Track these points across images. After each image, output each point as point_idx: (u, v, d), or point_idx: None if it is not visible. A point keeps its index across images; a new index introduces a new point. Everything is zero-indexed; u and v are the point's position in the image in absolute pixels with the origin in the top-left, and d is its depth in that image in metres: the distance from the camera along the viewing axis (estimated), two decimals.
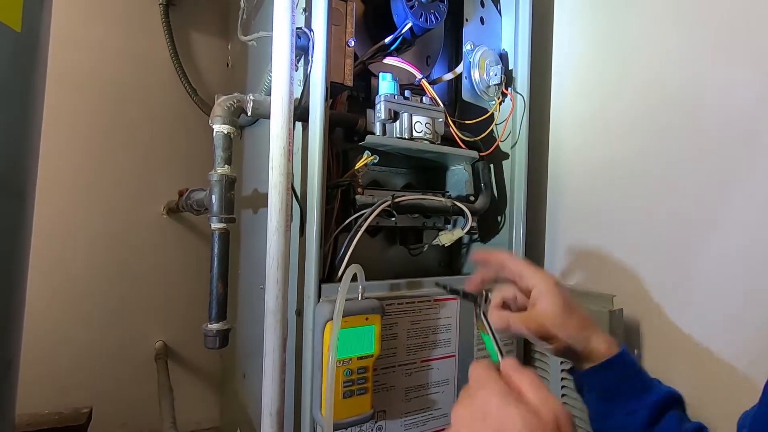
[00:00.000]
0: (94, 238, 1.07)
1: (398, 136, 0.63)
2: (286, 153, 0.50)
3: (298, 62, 0.58)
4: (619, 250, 0.69)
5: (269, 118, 0.51)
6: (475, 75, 0.72)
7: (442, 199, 0.69)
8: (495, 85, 0.72)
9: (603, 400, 0.45)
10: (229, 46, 1.18)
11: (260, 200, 0.77)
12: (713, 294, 0.58)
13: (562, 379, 0.71)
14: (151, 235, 1.13)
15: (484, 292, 0.43)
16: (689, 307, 0.60)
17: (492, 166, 0.78)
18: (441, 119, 0.67)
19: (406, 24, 0.64)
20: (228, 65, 1.19)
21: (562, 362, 0.69)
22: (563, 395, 0.71)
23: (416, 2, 0.63)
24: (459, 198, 0.73)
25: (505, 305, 0.47)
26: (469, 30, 0.73)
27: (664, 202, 0.63)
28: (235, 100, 0.55)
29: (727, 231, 0.56)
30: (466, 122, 0.74)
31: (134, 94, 1.11)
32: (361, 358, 0.53)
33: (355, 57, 0.63)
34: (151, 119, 1.13)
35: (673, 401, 0.44)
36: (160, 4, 1.10)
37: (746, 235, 0.54)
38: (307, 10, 0.58)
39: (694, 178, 0.60)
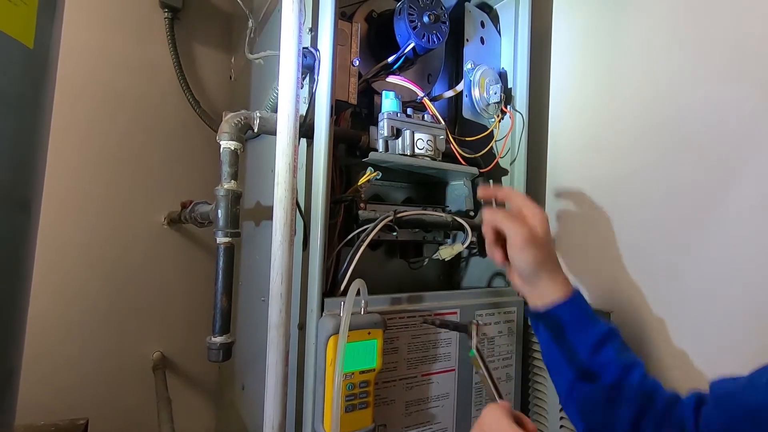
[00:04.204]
0: (93, 248, 1.07)
1: (400, 152, 0.64)
2: (292, 169, 0.51)
3: (303, 80, 0.60)
4: (617, 264, 0.70)
5: (275, 135, 0.52)
6: (475, 93, 0.74)
7: (443, 214, 0.70)
8: (495, 103, 0.74)
9: (553, 337, 0.53)
10: (233, 60, 1.20)
11: (263, 213, 0.78)
12: (711, 310, 0.59)
13: None
14: (151, 246, 1.13)
15: (475, 325, 0.45)
16: (687, 323, 0.61)
17: (492, 182, 0.79)
18: (442, 136, 0.68)
19: (409, 44, 0.65)
20: (231, 78, 1.21)
21: None
22: (561, 418, 0.72)
23: (419, 23, 0.65)
24: (459, 213, 0.75)
25: (499, 235, 0.57)
26: (469, 49, 0.75)
27: (661, 218, 0.65)
28: (243, 117, 0.57)
29: (724, 246, 0.57)
30: (467, 139, 0.76)
31: (137, 105, 1.12)
32: (363, 372, 0.54)
33: (359, 75, 0.65)
34: (154, 130, 1.14)
35: (612, 334, 0.53)
36: (165, 18, 1.12)
37: (743, 249, 0.56)
38: (314, 30, 0.59)
39: (690, 195, 0.61)
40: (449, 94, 0.77)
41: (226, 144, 0.56)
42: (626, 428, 0.47)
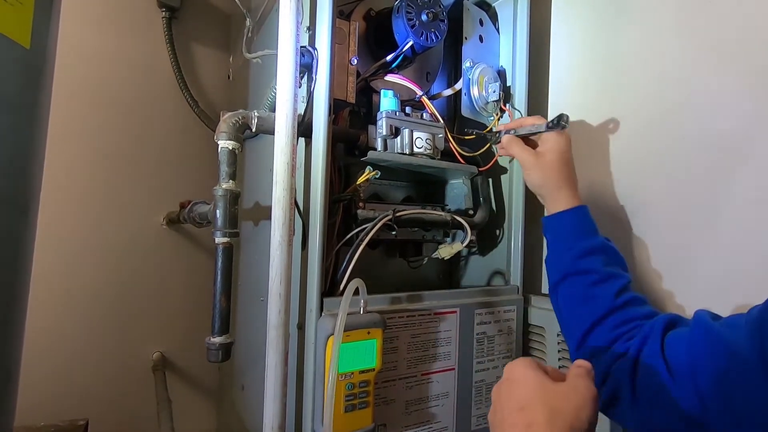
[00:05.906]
0: (92, 248, 1.06)
1: (399, 151, 0.64)
2: (290, 168, 0.51)
3: (301, 79, 0.60)
4: None
5: (273, 134, 0.52)
6: (474, 91, 0.74)
7: (442, 213, 0.70)
8: (493, 101, 0.74)
9: (554, 240, 0.60)
10: (231, 59, 1.20)
11: (261, 213, 0.78)
12: (711, 307, 0.58)
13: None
14: (150, 246, 1.13)
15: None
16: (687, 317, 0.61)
17: (491, 180, 0.79)
18: (441, 135, 0.68)
19: (407, 42, 0.65)
20: (229, 77, 1.20)
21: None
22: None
23: (417, 21, 0.65)
24: (458, 212, 0.75)
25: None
26: (468, 48, 0.75)
27: (659, 215, 0.65)
28: (241, 117, 0.56)
29: (725, 242, 0.57)
30: (466, 137, 0.75)
31: (135, 105, 1.11)
32: (362, 372, 0.54)
33: (357, 74, 0.65)
34: (152, 129, 1.13)
35: (604, 248, 0.57)
36: (163, 17, 1.12)
37: (742, 246, 0.55)
38: (311, 28, 0.59)
39: (689, 193, 0.61)
40: (448, 92, 0.77)
41: (224, 144, 0.56)
42: (586, 326, 0.52)
